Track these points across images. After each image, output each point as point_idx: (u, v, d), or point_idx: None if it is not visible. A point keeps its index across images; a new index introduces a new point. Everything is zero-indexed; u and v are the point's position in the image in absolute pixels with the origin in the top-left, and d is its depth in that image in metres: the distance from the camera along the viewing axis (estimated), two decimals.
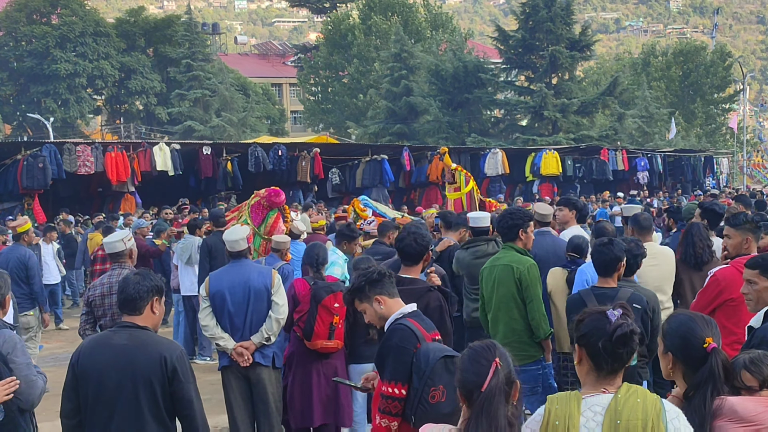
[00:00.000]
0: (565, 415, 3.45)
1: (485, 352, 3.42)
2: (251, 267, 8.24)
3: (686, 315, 4.17)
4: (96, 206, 27.42)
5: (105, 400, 5.04)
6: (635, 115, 52.33)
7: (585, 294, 6.57)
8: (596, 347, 3.53)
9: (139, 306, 5.16)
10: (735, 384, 3.96)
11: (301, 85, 69.55)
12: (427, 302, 6.52)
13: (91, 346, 5.19)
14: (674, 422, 3.46)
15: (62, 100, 53.73)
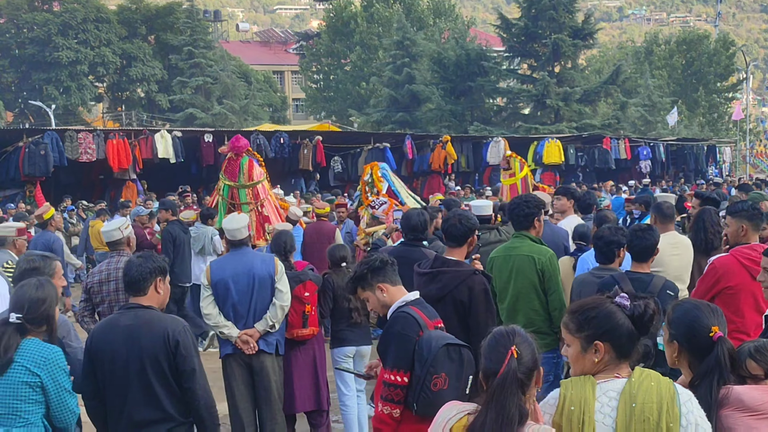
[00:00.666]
0: (581, 400, 3.43)
1: (504, 339, 3.39)
2: (254, 255, 8.24)
3: (692, 303, 4.15)
4: (97, 194, 27.41)
5: (117, 378, 5.28)
6: (638, 104, 52.29)
7: (619, 277, 6.47)
8: (623, 337, 3.53)
9: (143, 287, 5.36)
10: (740, 373, 3.95)
11: (303, 72, 69.46)
12: (471, 285, 6.52)
13: (101, 328, 5.43)
14: (687, 405, 3.45)
15: (64, 87, 53.67)
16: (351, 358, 8.94)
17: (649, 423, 3.36)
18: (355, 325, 8.87)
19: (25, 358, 5.06)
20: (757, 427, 3.74)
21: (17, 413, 5.07)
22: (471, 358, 5.09)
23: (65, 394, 5.19)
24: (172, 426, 5.36)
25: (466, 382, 5.10)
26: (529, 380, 3.34)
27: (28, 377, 5.04)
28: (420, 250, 8.47)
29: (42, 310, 5.18)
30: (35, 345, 5.13)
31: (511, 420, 3.22)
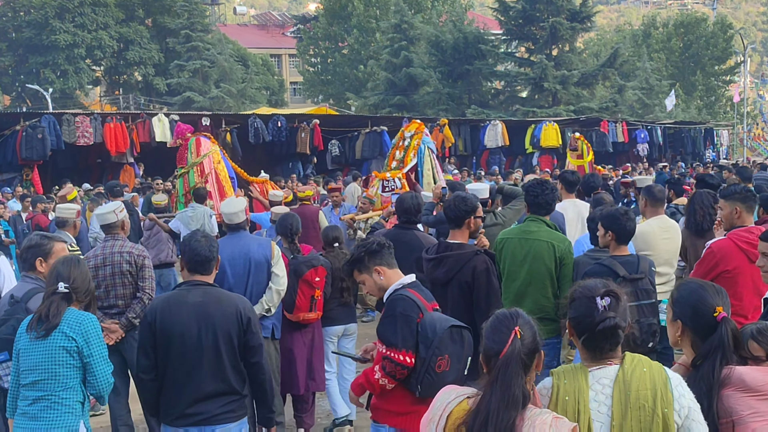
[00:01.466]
0: (575, 390, 3.43)
1: (507, 320, 3.39)
2: (250, 239, 8.26)
3: (697, 283, 4.15)
4: (95, 177, 27.37)
5: (188, 354, 5.41)
6: (635, 87, 52.20)
7: (611, 263, 6.44)
8: (582, 333, 3.54)
9: (212, 266, 5.62)
10: (742, 354, 3.95)
11: (301, 56, 69.19)
12: (474, 266, 6.60)
13: (168, 305, 5.51)
14: (678, 389, 3.46)
15: (61, 70, 53.47)
16: (339, 337, 9.06)
17: (645, 410, 3.37)
18: (345, 305, 9.02)
19: (64, 325, 5.28)
20: (759, 407, 3.75)
21: (56, 377, 5.26)
22: (471, 340, 5.14)
23: (100, 360, 5.35)
24: (234, 399, 5.53)
25: (465, 364, 5.14)
26: (530, 362, 3.35)
27: (65, 342, 5.25)
28: (413, 233, 8.54)
29: (83, 284, 5.47)
30: (74, 313, 5.36)
31: (516, 401, 3.22)
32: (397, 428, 5.21)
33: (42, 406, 5.26)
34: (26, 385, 5.29)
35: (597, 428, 3.37)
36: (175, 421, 5.47)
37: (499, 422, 3.19)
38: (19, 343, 5.38)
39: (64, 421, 5.29)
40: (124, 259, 7.79)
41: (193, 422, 5.44)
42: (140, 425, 8.42)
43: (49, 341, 5.25)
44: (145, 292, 7.82)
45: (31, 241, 6.37)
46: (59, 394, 5.27)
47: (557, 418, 3.22)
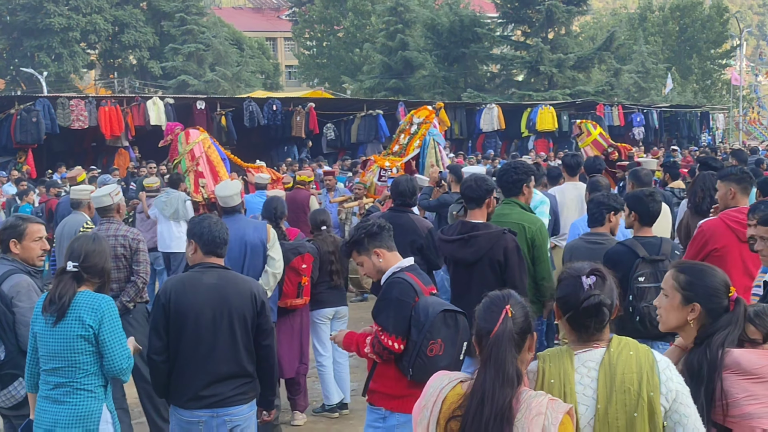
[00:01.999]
0: (560, 373, 3.40)
1: (499, 300, 3.38)
2: (246, 222, 8.24)
3: (706, 265, 4.11)
4: (90, 161, 27.31)
5: (203, 335, 5.41)
6: (631, 71, 52.22)
7: (632, 243, 6.42)
8: (568, 312, 3.51)
9: (225, 249, 5.65)
10: (739, 337, 3.94)
11: (296, 39, 69.01)
12: (505, 245, 6.69)
13: (183, 286, 5.48)
14: (666, 372, 3.43)
15: (55, 54, 53.32)
16: (330, 320, 9.07)
17: (630, 393, 3.34)
18: (335, 287, 9.05)
19: (79, 310, 5.21)
20: (754, 390, 3.73)
21: (77, 365, 5.24)
22: (466, 325, 5.13)
23: (115, 343, 5.29)
24: (246, 381, 5.54)
25: (460, 349, 5.14)
26: (522, 341, 3.33)
27: (82, 330, 5.20)
28: (408, 215, 8.56)
29: (97, 261, 5.37)
30: (88, 296, 5.28)
31: (511, 379, 3.20)
32: (394, 411, 5.22)
33: (64, 391, 5.26)
34: (47, 370, 5.28)
35: (582, 411, 3.36)
36: (187, 403, 5.44)
37: (495, 401, 3.17)
38: (35, 326, 5.35)
39: (87, 405, 5.28)
40: (119, 242, 7.76)
41: (206, 404, 5.41)
42: (135, 408, 8.42)
43: (66, 329, 5.20)
44: (139, 275, 7.79)
45: (6, 223, 6.31)
46: (81, 381, 5.26)
47: (553, 401, 3.21)
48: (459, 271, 6.72)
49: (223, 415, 5.44)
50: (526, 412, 3.15)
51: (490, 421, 3.15)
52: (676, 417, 3.41)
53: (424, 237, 8.48)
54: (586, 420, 3.36)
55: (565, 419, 3.15)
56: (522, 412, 3.16)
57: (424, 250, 8.40)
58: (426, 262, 8.24)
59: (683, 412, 3.41)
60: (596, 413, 3.36)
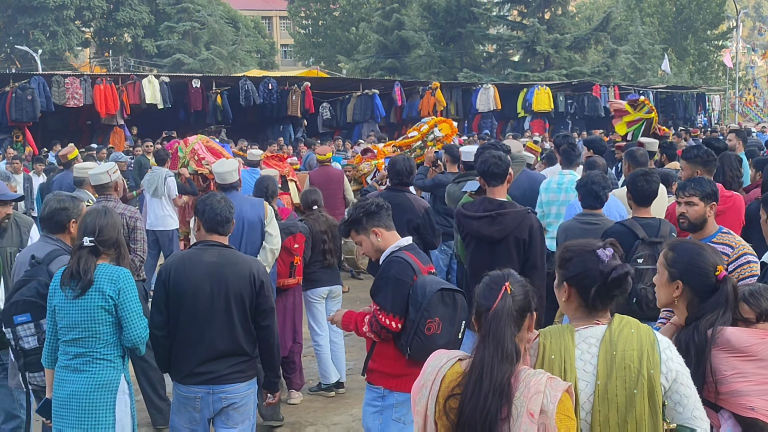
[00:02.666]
0: (560, 349, 3.40)
1: (498, 278, 3.38)
2: (243, 199, 8.22)
3: (695, 243, 4.17)
4: (85, 139, 27.26)
5: (200, 312, 5.48)
6: (628, 52, 52.09)
7: (631, 224, 6.45)
8: (588, 289, 3.48)
9: (227, 227, 5.70)
10: (733, 315, 3.97)
11: (292, 18, 68.77)
12: (530, 224, 6.75)
13: (183, 263, 5.58)
14: (667, 352, 3.44)
15: (50, 32, 53.11)
16: (324, 299, 9.07)
17: (631, 370, 3.34)
18: (328, 267, 9.02)
19: (100, 281, 5.31)
20: (743, 368, 3.77)
21: (97, 335, 5.34)
22: (464, 304, 5.14)
23: (133, 315, 5.37)
24: (243, 360, 5.59)
25: (459, 327, 5.15)
26: (521, 319, 3.33)
27: (102, 301, 5.30)
28: (405, 194, 8.57)
29: (111, 234, 5.47)
30: (107, 268, 5.39)
31: (510, 355, 3.20)
32: (392, 390, 5.24)
33: (84, 361, 5.35)
34: (67, 341, 5.37)
35: (582, 387, 3.36)
36: (184, 379, 5.54)
37: (494, 376, 3.17)
38: (54, 299, 5.42)
39: (106, 375, 5.38)
40: None
41: (201, 381, 5.50)
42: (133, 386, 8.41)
43: (87, 300, 5.30)
44: (136, 254, 7.77)
45: (62, 203, 6.28)
46: (100, 351, 5.36)
47: (551, 379, 3.21)
48: (481, 248, 6.74)
49: (219, 392, 5.52)
50: (525, 391, 3.16)
51: (488, 396, 3.15)
52: (676, 397, 3.43)
53: (420, 216, 8.50)
54: (585, 396, 3.36)
55: (563, 397, 3.15)
56: (521, 391, 3.16)
57: (420, 230, 8.42)
58: (422, 242, 8.25)
59: (683, 393, 3.43)
60: (596, 389, 3.36)
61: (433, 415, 3.31)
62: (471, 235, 6.94)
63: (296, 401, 8.76)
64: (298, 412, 8.57)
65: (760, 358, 3.79)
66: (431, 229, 8.53)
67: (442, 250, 10.71)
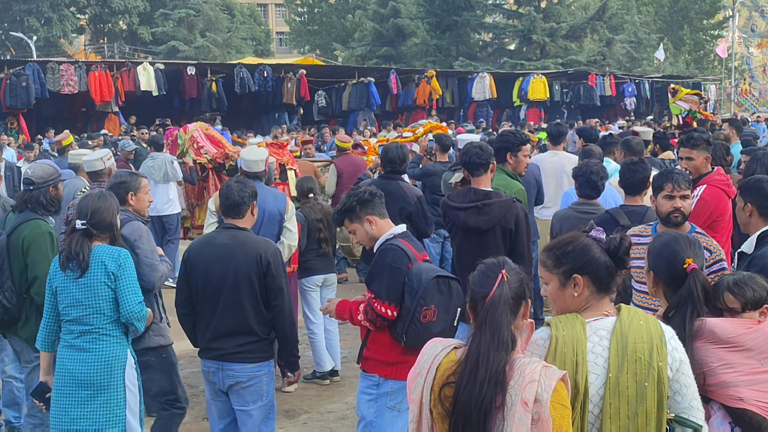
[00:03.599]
0: (573, 341, 3.38)
1: (494, 266, 3.36)
2: (267, 190, 8.14)
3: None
4: (80, 126, 27.22)
5: (210, 291, 5.71)
6: (623, 41, 52.09)
7: (615, 212, 6.53)
8: (600, 271, 3.49)
9: (243, 210, 5.84)
10: (717, 305, 3.98)
11: (288, 5, 68.59)
12: (516, 213, 6.76)
13: (200, 244, 5.91)
14: (672, 342, 3.44)
15: (45, 18, 52.97)
16: (319, 287, 9.06)
17: (642, 362, 3.34)
18: (323, 255, 9.01)
19: (102, 258, 5.49)
20: (729, 358, 3.77)
21: (101, 311, 5.48)
22: (460, 291, 5.13)
23: (127, 290, 5.50)
24: (252, 340, 5.72)
25: (454, 315, 5.14)
26: (517, 307, 3.32)
27: (105, 278, 5.46)
28: (397, 182, 8.56)
29: (104, 217, 5.59)
30: (107, 248, 5.56)
31: (506, 343, 3.19)
32: (387, 378, 5.23)
33: (90, 338, 5.48)
34: (70, 320, 5.50)
35: (593, 380, 3.34)
36: (201, 353, 5.83)
37: (490, 364, 3.15)
38: (54, 281, 5.56)
39: (112, 351, 5.52)
40: None
41: (213, 356, 5.73)
42: None
43: (90, 278, 5.45)
44: None
45: (120, 178, 6.50)
46: (105, 327, 5.49)
47: (546, 367, 3.19)
48: (468, 238, 6.75)
49: (227, 369, 5.71)
50: (520, 379, 3.14)
51: (484, 383, 3.14)
52: (677, 386, 3.43)
53: (413, 204, 8.49)
54: (595, 388, 3.36)
55: (558, 386, 3.14)
56: (515, 379, 3.15)
57: (413, 218, 8.41)
58: (415, 230, 8.23)
59: (683, 382, 3.43)
60: (607, 382, 3.35)
61: (428, 404, 3.30)
62: (457, 226, 6.95)
63: (291, 389, 8.76)
64: (292, 399, 8.57)
65: (746, 348, 3.78)
66: (424, 217, 8.51)
67: (432, 238, 10.70)
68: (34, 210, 6.63)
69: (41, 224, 6.53)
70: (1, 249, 6.52)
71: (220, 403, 5.88)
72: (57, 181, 6.83)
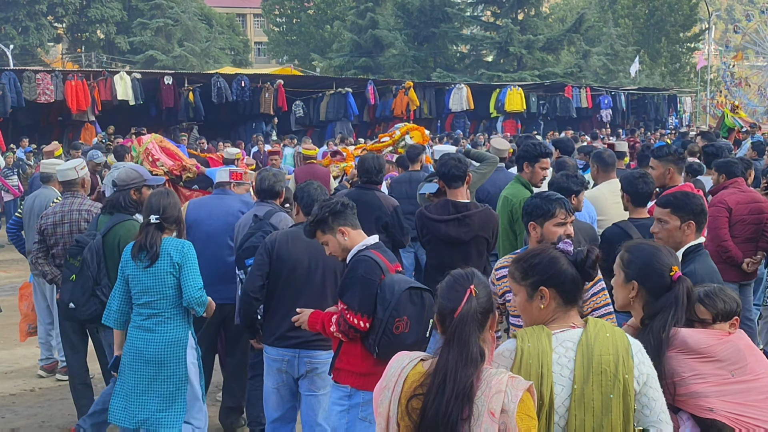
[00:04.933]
0: (539, 353, 3.39)
1: (463, 279, 3.37)
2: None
3: (650, 245, 4.17)
4: (56, 135, 27.10)
5: (295, 283, 6.06)
6: (600, 53, 52.41)
7: (625, 225, 6.58)
8: (567, 284, 3.51)
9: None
10: (689, 317, 3.99)
11: (266, 15, 68.51)
12: (494, 222, 7.04)
13: (287, 237, 6.16)
14: (638, 355, 3.45)
15: (22, 27, 52.69)
16: None
17: (607, 375, 3.35)
18: None
19: (169, 250, 6.13)
20: (700, 369, 3.78)
21: (167, 298, 6.17)
22: (432, 302, 5.13)
23: (192, 277, 6.15)
24: None
25: (426, 326, 5.14)
26: (485, 321, 3.33)
27: (171, 267, 6.13)
28: (374, 193, 8.55)
29: (173, 212, 6.25)
30: (173, 241, 6.22)
31: (474, 358, 3.20)
32: (359, 389, 5.23)
33: (156, 321, 6.17)
34: (140, 304, 6.18)
35: (558, 391, 3.35)
36: (275, 341, 6.13)
37: (458, 380, 3.17)
38: (126, 269, 6.22)
39: (175, 333, 6.21)
40: (83, 216, 7.73)
41: (290, 344, 6.07)
42: (98, 384, 8.38)
43: (158, 268, 6.10)
44: None
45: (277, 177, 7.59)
46: (170, 311, 6.18)
47: (513, 378, 3.21)
48: (450, 249, 6.83)
49: (304, 357, 6.10)
50: (486, 390, 3.15)
51: (451, 399, 3.15)
52: (645, 400, 3.45)
53: (389, 214, 8.47)
54: (561, 400, 3.37)
55: (525, 396, 3.15)
56: (482, 390, 3.16)
57: (389, 228, 8.40)
58: (391, 240, 8.25)
59: (651, 396, 3.45)
60: (572, 393, 3.36)
61: (395, 416, 3.31)
62: (437, 238, 6.99)
63: None
64: None
65: (717, 359, 3.80)
66: (400, 228, 8.52)
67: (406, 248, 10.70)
68: (126, 211, 7.17)
69: (135, 224, 6.90)
70: (98, 248, 6.95)
71: (284, 391, 6.21)
72: (140, 185, 7.33)
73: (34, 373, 9.74)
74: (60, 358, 9.43)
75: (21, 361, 10.30)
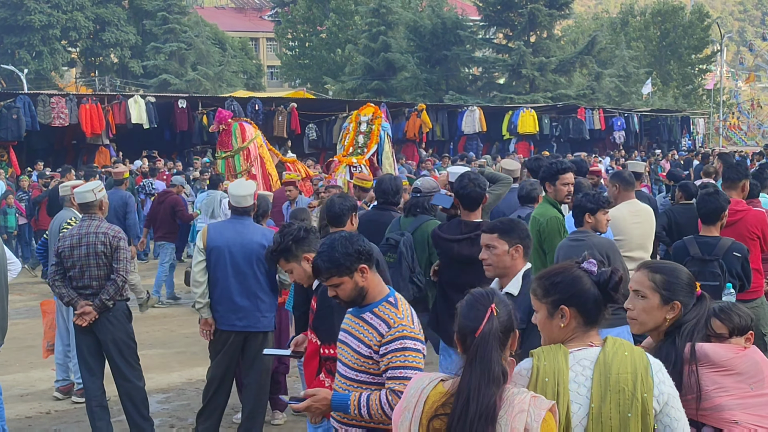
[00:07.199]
0: (555, 371, 3.37)
1: (483, 298, 3.36)
2: (255, 227, 7.88)
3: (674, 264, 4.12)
4: (70, 158, 27.21)
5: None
6: (613, 75, 52.39)
7: (688, 241, 6.76)
8: (588, 304, 3.48)
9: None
10: (706, 332, 3.98)
11: (279, 39, 68.80)
12: None
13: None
14: (659, 375, 3.42)
15: (36, 51, 53.08)
16: None
17: (625, 393, 3.33)
18: None
19: None
20: (723, 382, 3.79)
21: None
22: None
23: None
24: None
25: None
26: (506, 340, 3.32)
27: None
28: (390, 213, 8.55)
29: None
30: None
31: (497, 378, 3.19)
32: None
33: None
34: None
35: (575, 410, 3.33)
36: None
37: (481, 399, 3.15)
38: None
39: None
40: (99, 239, 7.69)
41: None
42: (115, 407, 8.38)
43: None
44: (119, 274, 7.68)
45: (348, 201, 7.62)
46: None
47: (535, 397, 3.20)
48: (463, 268, 6.84)
49: None
50: (509, 409, 3.14)
51: (475, 419, 3.14)
52: (667, 420, 3.41)
53: None
54: (578, 419, 3.34)
55: (547, 416, 3.14)
56: (505, 409, 3.15)
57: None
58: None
59: (674, 416, 3.41)
60: (589, 412, 3.33)
61: None
62: (449, 257, 7.09)
63: (280, 422, 8.73)
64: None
65: (738, 372, 3.82)
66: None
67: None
68: (427, 212, 8.14)
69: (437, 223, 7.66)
70: (412, 244, 7.73)
71: None
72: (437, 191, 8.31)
73: (50, 396, 9.75)
74: (76, 380, 9.43)
75: (37, 384, 10.31)
